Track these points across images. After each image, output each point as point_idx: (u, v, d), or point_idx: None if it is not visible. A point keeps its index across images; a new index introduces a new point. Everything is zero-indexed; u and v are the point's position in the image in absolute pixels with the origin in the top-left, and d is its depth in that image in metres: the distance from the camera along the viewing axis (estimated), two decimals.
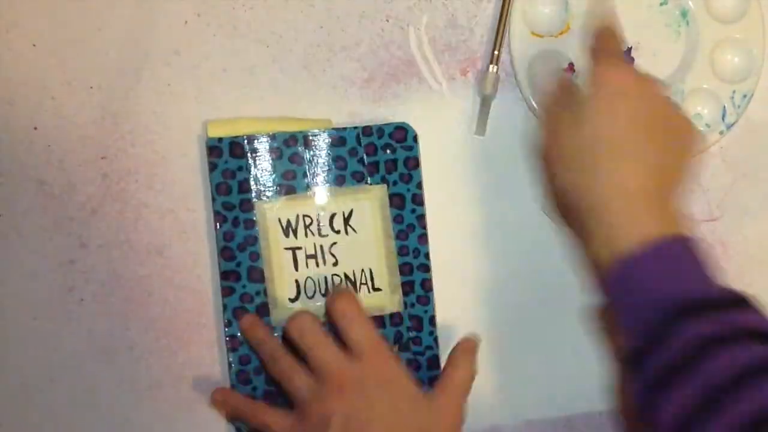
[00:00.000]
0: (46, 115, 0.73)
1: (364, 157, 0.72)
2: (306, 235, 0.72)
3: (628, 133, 0.61)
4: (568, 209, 0.64)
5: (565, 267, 0.75)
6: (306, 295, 0.72)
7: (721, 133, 0.74)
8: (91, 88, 0.73)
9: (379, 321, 0.72)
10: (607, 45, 0.66)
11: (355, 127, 0.72)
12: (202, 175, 0.73)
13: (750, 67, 0.74)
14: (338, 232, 0.72)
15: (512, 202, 0.75)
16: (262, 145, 0.71)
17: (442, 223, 0.74)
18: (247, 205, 0.71)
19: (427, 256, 0.73)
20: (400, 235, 0.73)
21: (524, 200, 0.75)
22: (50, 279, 0.73)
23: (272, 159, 0.72)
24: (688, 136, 0.64)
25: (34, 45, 0.73)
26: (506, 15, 0.74)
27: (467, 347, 0.71)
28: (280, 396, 0.70)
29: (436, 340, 0.73)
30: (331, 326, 0.69)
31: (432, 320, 0.73)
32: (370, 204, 0.72)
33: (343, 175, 0.72)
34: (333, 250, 0.72)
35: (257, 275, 0.72)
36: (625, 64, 0.67)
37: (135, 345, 0.73)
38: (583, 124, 0.62)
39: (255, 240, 0.71)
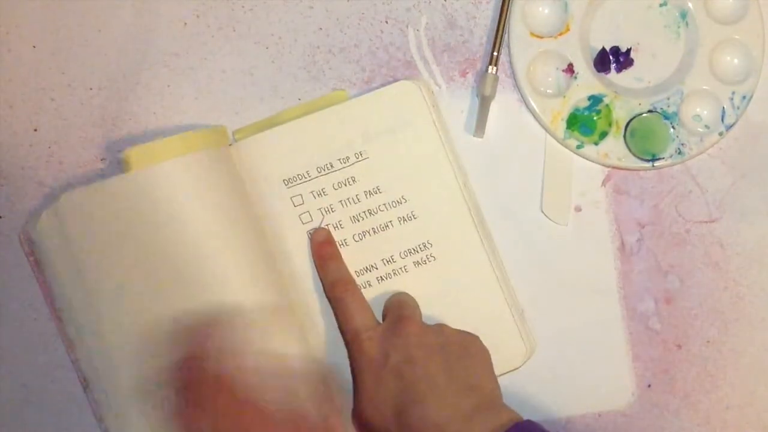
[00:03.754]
0: (46, 117, 0.73)
1: None
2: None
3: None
4: None
5: (564, 267, 0.75)
6: None
7: (721, 134, 0.74)
8: (91, 89, 0.74)
9: None
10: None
11: None
12: None
13: (749, 68, 0.74)
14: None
15: (511, 203, 0.75)
16: None
17: None
18: None
19: None
20: None
21: (523, 201, 0.75)
22: None
23: None
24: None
25: (34, 46, 0.74)
26: (505, 16, 0.74)
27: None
28: None
29: None
30: None
31: None
32: None
33: None
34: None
35: None
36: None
37: None
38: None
39: None
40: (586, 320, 0.75)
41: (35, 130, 0.73)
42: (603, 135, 0.74)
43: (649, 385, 0.74)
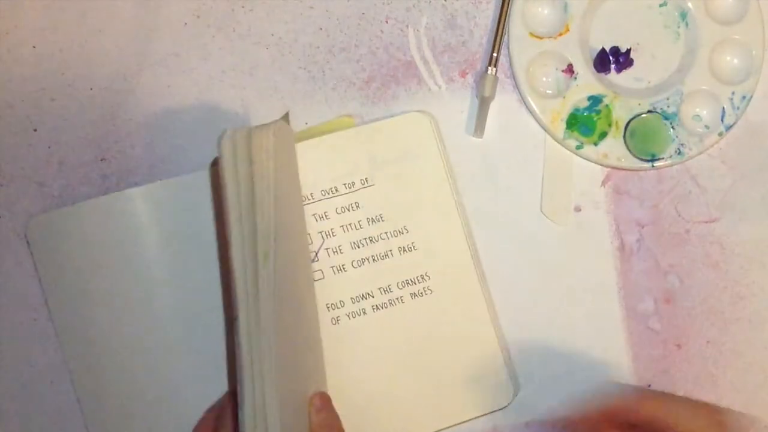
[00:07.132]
0: (46, 117, 0.73)
1: None
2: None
3: None
4: None
5: (564, 267, 0.75)
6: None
7: (720, 134, 0.74)
8: (91, 89, 0.74)
9: None
10: None
11: None
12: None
13: (749, 68, 0.74)
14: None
15: (510, 204, 0.75)
16: None
17: None
18: None
19: None
20: None
21: (523, 201, 0.75)
22: None
23: None
24: None
25: (34, 47, 0.74)
26: (505, 16, 0.74)
27: None
28: None
29: None
30: None
31: None
32: None
33: None
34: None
35: None
36: None
37: None
38: None
39: None
40: (586, 320, 0.75)
41: (35, 130, 0.73)
42: (603, 135, 0.74)
43: (649, 385, 0.74)
